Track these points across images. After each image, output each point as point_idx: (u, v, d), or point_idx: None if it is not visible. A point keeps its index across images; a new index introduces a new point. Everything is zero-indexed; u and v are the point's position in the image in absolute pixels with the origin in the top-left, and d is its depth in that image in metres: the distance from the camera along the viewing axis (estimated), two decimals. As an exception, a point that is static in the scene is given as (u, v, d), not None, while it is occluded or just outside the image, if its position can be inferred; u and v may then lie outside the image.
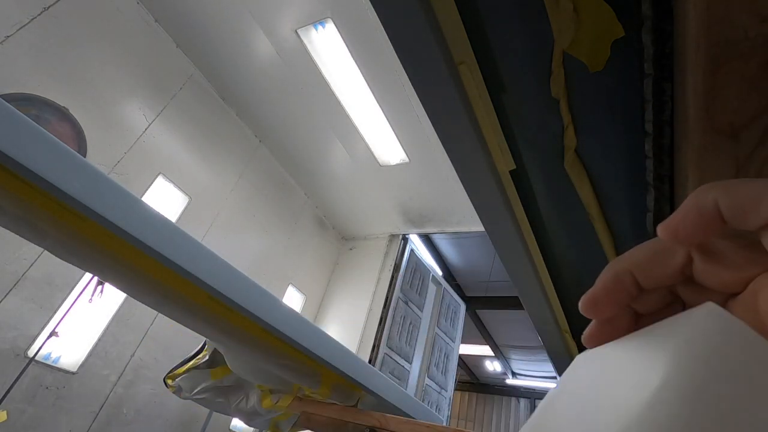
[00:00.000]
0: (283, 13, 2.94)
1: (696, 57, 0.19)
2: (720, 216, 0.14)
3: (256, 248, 3.97)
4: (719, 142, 0.22)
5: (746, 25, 0.17)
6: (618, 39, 0.31)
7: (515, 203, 0.37)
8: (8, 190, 0.65)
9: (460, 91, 0.30)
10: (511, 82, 0.34)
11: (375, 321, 4.10)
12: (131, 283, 0.95)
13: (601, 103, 0.35)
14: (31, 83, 2.58)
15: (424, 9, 0.26)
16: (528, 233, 0.42)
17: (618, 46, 0.32)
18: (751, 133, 0.21)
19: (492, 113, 0.32)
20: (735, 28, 0.18)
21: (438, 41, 0.28)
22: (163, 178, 3.24)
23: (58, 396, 2.55)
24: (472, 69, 0.30)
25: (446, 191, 3.90)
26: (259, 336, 1.02)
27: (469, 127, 0.33)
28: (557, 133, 0.36)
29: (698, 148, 0.23)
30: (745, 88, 0.19)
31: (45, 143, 0.63)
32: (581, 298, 0.19)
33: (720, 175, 0.24)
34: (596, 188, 0.39)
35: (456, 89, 0.30)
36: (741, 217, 0.14)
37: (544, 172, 0.39)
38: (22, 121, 0.60)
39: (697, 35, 0.18)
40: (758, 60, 0.18)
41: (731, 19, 0.17)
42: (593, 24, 0.30)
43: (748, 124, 0.21)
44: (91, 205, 0.68)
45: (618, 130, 0.36)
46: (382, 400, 1.32)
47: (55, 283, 2.57)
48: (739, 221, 0.14)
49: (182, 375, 1.59)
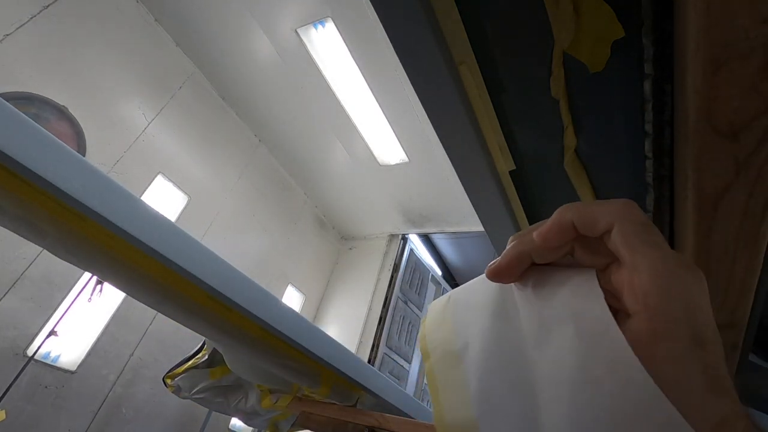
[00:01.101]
0: (283, 12, 2.94)
1: (696, 58, 0.19)
2: (574, 228, 0.22)
3: (256, 248, 3.97)
4: (719, 143, 0.22)
5: (746, 26, 0.17)
6: (618, 39, 0.31)
7: (515, 203, 0.37)
8: (7, 189, 0.65)
9: (460, 91, 0.30)
10: (511, 82, 0.34)
11: (374, 320, 4.10)
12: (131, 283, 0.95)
13: (601, 103, 0.35)
14: (30, 82, 2.57)
15: (424, 9, 0.26)
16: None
17: (618, 46, 0.32)
18: (750, 134, 0.21)
19: (492, 113, 0.32)
20: (735, 29, 0.18)
21: (438, 42, 0.28)
22: (162, 178, 3.23)
23: (57, 395, 2.55)
24: (472, 69, 0.30)
25: (446, 191, 3.90)
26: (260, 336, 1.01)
27: (469, 127, 0.33)
28: (557, 133, 0.36)
29: (698, 149, 0.23)
30: (745, 88, 0.19)
31: (44, 142, 0.63)
32: (487, 267, 0.25)
33: (720, 176, 0.24)
34: (596, 188, 0.39)
35: (456, 90, 0.30)
36: (588, 229, 0.21)
37: (544, 172, 0.39)
38: (21, 119, 0.60)
39: (696, 36, 0.18)
40: (758, 61, 0.18)
41: (731, 20, 0.17)
42: (593, 24, 0.30)
43: (747, 125, 0.21)
44: (90, 204, 0.67)
45: (618, 130, 0.36)
46: (382, 400, 1.32)
47: (54, 282, 2.57)
48: (587, 231, 0.21)
49: (181, 375, 1.58)
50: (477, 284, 0.27)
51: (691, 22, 0.18)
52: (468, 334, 0.25)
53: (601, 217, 0.21)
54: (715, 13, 0.17)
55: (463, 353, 0.24)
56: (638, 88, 0.32)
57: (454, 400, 0.23)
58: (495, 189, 0.36)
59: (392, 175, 4.00)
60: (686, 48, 0.20)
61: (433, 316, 0.28)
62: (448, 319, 0.26)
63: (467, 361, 0.24)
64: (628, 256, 0.20)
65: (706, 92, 0.20)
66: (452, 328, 0.26)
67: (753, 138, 0.21)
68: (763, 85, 0.19)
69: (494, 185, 0.36)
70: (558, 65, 0.32)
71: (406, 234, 4.62)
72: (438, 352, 0.26)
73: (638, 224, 0.20)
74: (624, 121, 0.35)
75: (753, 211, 0.25)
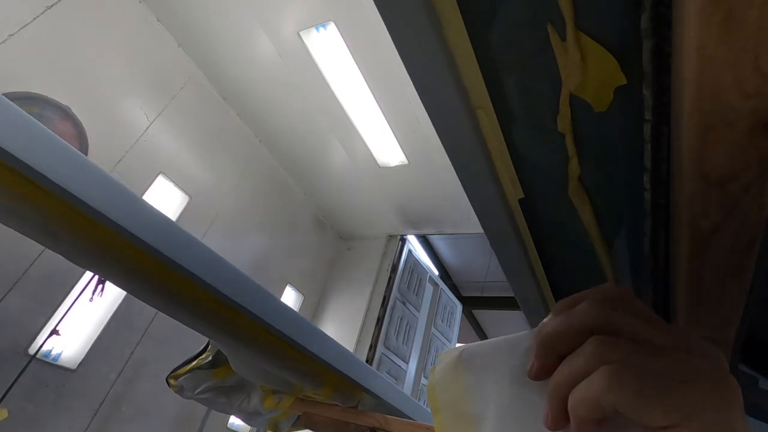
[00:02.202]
0: (285, 14, 2.96)
1: (690, 122, 0.22)
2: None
3: (255, 248, 3.98)
4: (709, 190, 0.25)
5: (732, 100, 0.20)
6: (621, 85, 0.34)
7: (523, 229, 0.40)
8: (9, 188, 0.65)
9: (477, 132, 0.33)
10: (521, 119, 0.37)
11: (372, 321, 4.13)
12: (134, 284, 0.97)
13: (604, 138, 0.38)
14: (33, 82, 2.58)
15: (448, 63, 0.29)
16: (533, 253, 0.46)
17: (620, 91, 0.35)
18: (736, 185, 0.24)
19: (505, 151, 0.35)
20: (723, 102, 0.21)
21: (459, 90, 0.31)
22: (163, 178, 3.25)
23: (58, 394, 2.56)
24: (488, 113, 0.33)
25: (445, 194, 3.93)
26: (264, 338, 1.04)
27: (483, 161, 0.36)
28: (562, 163, 0.39)
29: (691, 194, 0.26)
30: (731, 149, 0.22)
31: (47, 142, 0.64)
32: (529, 370, 0.24)
33: (710, 218, 0.27)
34: (597, 214, 0.42)
35: (473, 131, 0.33)
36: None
37: (550, 199, 0.42)
38: (24, 119, 0.61)
39: (690, 106, 0.21)
40: (743, 127, 0.21)
41: (719, 94, 0.20)
42: (598, 71, 0.32)
43: (734, 177, 0.24)
44: (92, 203, 0.68)
45: (619, 162, 0.39)
46: (383, 402, 1.35)
47: (55, 282, 2.59)
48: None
49: (185, 375, 1.61)
50: (494, 348, 0.28)
51: (686, 94, 0.21)
52: (485, 399, 0.25)
53: None
54: (706, 89, 0.20)
55: (480, 419, 0.25)
56: (638, 127, 0.35)
57: None
58: (505, 217, 0.39)
59: (391, 177, 4.02)
60: (681, 113, 0.23)
61: (444, 369, 0.28)
62: (461, 378, 0.27)
63: (484, 428, 0.24)
64: None
65: (698, 149, 0.23)
66: (466, 388, 0.26)
67: (738, 188, 0.24)
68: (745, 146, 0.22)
69: (504, 213, 0.39)
70: (565, 104, 0.35)
71: (405, 235, 4.65)
72: (450, 412, 0.26)
73: None
74: (624, 154, 0.38)
75: (739, 247, 0.28)
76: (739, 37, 0.19)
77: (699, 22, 0.19)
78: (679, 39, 0.24)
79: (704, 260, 0.30)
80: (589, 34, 0.29)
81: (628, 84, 0.33)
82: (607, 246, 0.49)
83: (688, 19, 0.20)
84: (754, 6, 0.18)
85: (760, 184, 0.27)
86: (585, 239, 0.45)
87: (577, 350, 0.21)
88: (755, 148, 0.26)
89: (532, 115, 0.36)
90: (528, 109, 0.36)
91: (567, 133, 0.39)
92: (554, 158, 0.39)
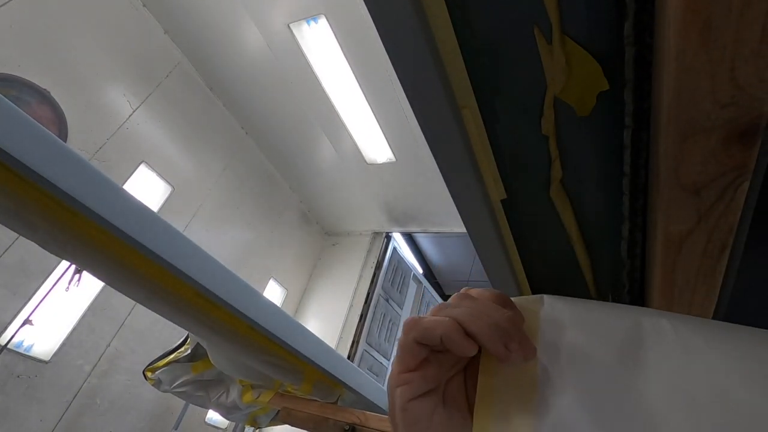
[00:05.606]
0: (276, 6, 2.92)
1: (667, 129, 0.23)
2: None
3: (239, 241, 3.94)
4: (684, 196, 0.26)
5: (708, 109, 0.21)
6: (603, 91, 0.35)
7: (505, 230, 0.41)
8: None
9: (461, 131, 0.33)
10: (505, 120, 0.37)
11: (355, 317, 4.13)
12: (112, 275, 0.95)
13: (586, 142, 0.39)
14: (11, 63, 2.50)
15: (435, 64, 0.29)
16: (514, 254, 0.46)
17: (603, 96, 0.35)
18: (710, 192, 0.25)
19: (488, 150, 0.36)
20: (700, 112, 0.21)
21: (446, 90, 0.31)
22: (145, 167, 3.18)
23: (29, 385, 2.50)
24: (473, 112, 0.33)
25: (431, 192, 3.95)
26: (245, 333, 1.03)
27: (468, 161, 0.36)
28: (545, 165, 0.40)
29: (666, 199, 0.27)
30: (707, 157, 0.23)
31: (24, 126, 0.61)
32: None
33: (684, 223, 0.28)
34: (578, 215, 0.43)
35: (459, 131, 0.33)
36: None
37: (531, 200, 0.43)
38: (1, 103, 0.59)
39: (668, 114, 0.22)
40: (717, 136, 0.22)
41: (697, 104, 0.21)
42: (582, 76, 0.33)
43: (708, 185, 0.25)
44: (71, 192, 0.66)
45: (599, 166, 0.40)
46: (363, 398, 1.35)
47: (29, 270, 2.52)
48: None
49: (162, 368, 1.58)
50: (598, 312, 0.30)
51: (665, 102, 0.22)
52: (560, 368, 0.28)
53: None
54: (684, 98, 0.21)
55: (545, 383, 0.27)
56: (619, 132, 0.35)
57: None
58: (487, 216, 0.39)
59: (379, 174, 4.02)
60: (660, 120, 0.23)
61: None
62: (535, 334, 0.30)
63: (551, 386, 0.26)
64: None
65: (675, 156, 0.24)
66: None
67: (712, 195, 0.25)
68: (720, 155, 0.23)
69: (487, 213, 0.39)
70: (549, 107, 0.36)
71: (390, 232, 4.66)
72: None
73: None
74: (605, 159, 0.39)
75: (711, 252, 0.29)
76: (717, 47, 0.20)
77: (678, 30, 0.19)
78: (659, 47, 0.25)
79: (677, 263, 0.31)
80: (575, 38, 0.30)
81: (610, 90, 0.34)
82: (587, 247, 0.50)
83: (668, 27, 0.20)
84: (732, 17, 0.18)
85: (731, 192, 0.28)
86: (566, 241, 0.46)
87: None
88: (730, 157, 0.27)
89: (516, 116, 0.36)
90: (513, 110, 0.36)
91: (550, 136, 0.40)
92: (537, 160, 0.39)
